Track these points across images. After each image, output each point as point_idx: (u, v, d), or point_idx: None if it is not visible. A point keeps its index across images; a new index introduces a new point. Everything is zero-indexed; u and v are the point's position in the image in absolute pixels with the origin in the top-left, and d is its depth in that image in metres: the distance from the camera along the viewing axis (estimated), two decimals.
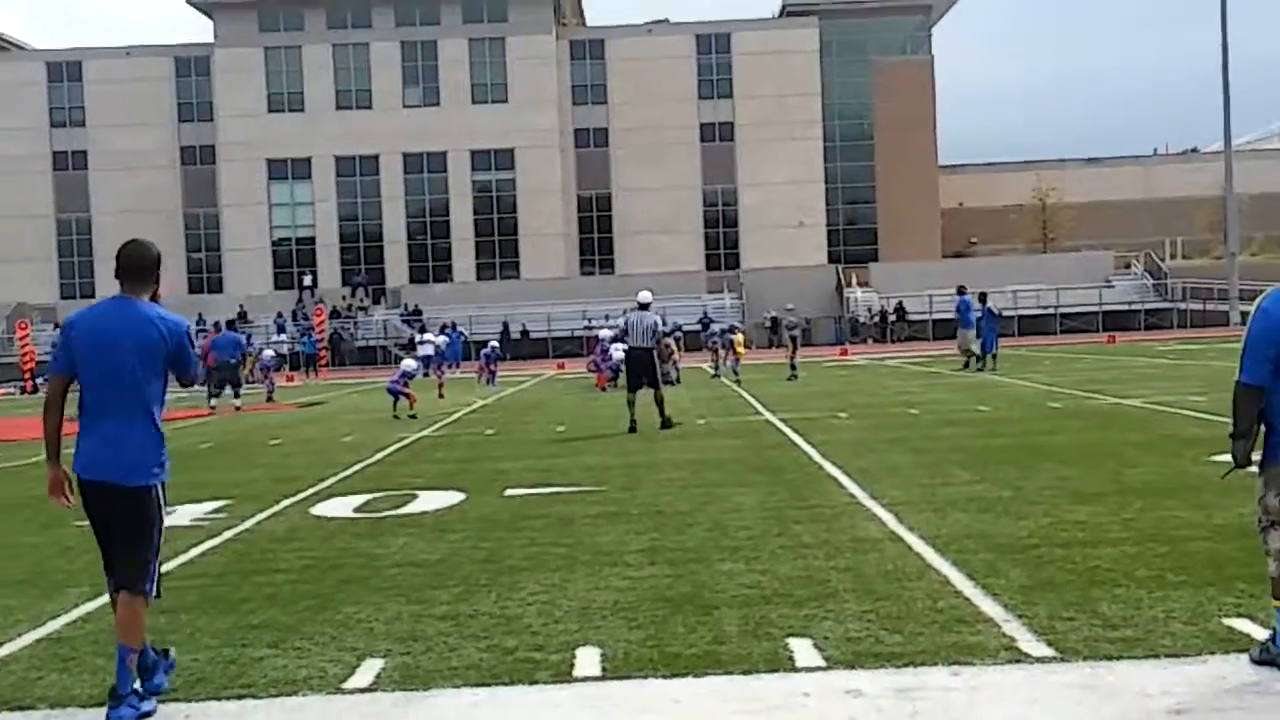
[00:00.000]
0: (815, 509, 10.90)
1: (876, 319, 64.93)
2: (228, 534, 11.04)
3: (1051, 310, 63.00)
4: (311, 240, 77.07)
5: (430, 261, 76.64)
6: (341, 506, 12.41)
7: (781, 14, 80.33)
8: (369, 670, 6.38)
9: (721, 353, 34.78)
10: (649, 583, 8.20)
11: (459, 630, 7.16)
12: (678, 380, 33.61)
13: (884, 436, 16.79)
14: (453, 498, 12.64)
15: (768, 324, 64.14)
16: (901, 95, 77.06)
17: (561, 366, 48.58)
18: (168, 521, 11.82)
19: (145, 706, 5.94)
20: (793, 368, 32.93)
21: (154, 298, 6.26)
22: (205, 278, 77.19)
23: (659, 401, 19.57)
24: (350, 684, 6.23)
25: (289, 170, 76.72)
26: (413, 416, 23.95)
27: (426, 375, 34.26)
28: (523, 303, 67.52)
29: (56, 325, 68.11)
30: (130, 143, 76.25)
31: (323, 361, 55.32)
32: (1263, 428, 5.88)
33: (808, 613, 7.19)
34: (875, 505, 10.94)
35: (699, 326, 61.85)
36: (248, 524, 11.60)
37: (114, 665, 6.64)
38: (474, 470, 15.00)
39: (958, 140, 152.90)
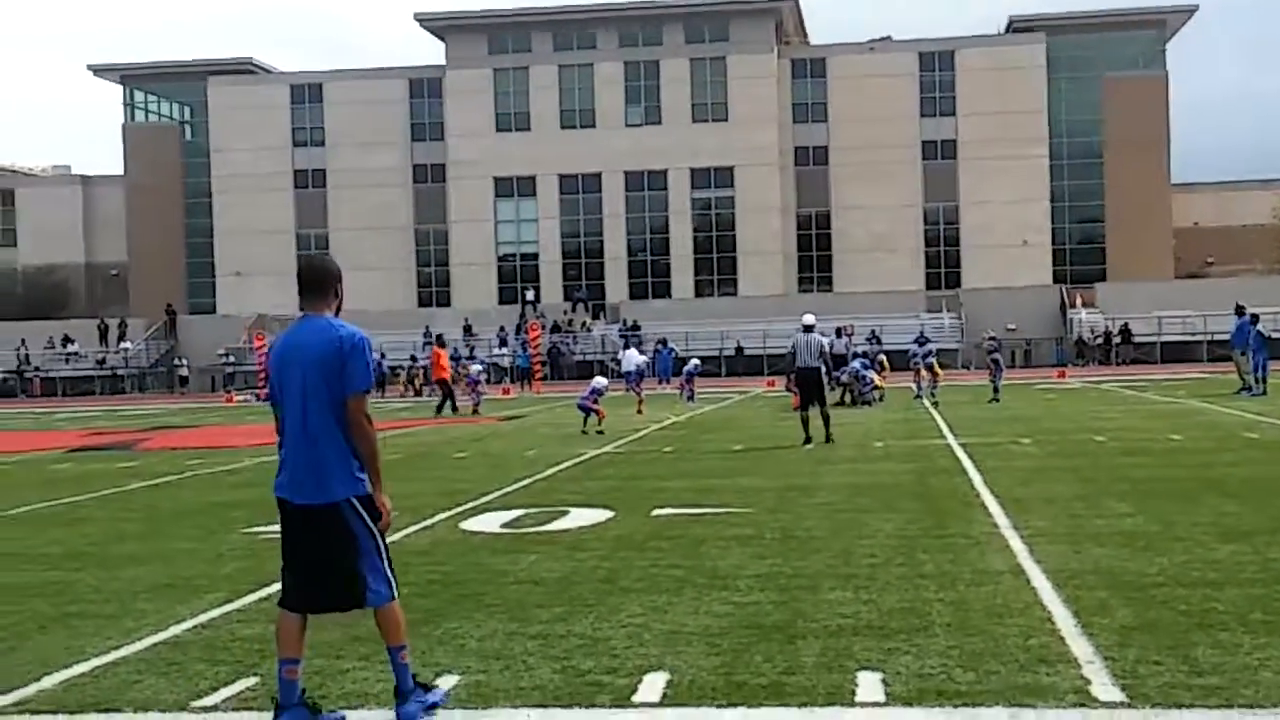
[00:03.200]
0: (950, 538, 10.71)
1: (1100, 341, 62.98)
2: None
3: None
4: (535, 256, 78.69)
5: (650, 278, 77.46)
6: (491, 521, 12.69)
7: (1007, 29, 78.79)
8: (440, 687, 6.54)
9: (925, 374, 34.28)
10: (749, 609, 8.19)
11: (544, 650, 7.28)
12: (881, 398, 33.35)
13: (1058, 464, 16.36)
14: (600, 515, 12.80)
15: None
16: (1133, 112, 74.63)
17: (771, 384, 48.45)
18: None
19: (431, 697, 6.19)
20: (995, 390, 32.27)
21: (338, 310, 6.31)
22: (434, 292, 79.46)
23: (825, 418, 20.83)
24: None
25: (515, 188, 78.50)
26: (600, 432, 24.27)
27: (630, 391, 34.70)
28: (740, 320, 67.61)
29: None
30: (366, 161, 79.09)
31: (538, 375, 56.32)
32: None
33: (892, 646, 7.10)
34: (1013, 536, 10.69)
35: (915, 345, 61.09)
36: (395, 536, 11.92)
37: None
38: (633, 488, 15.16)
39: (1194, 157, 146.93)
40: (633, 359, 39.31)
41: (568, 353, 67.63)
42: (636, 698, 6.31)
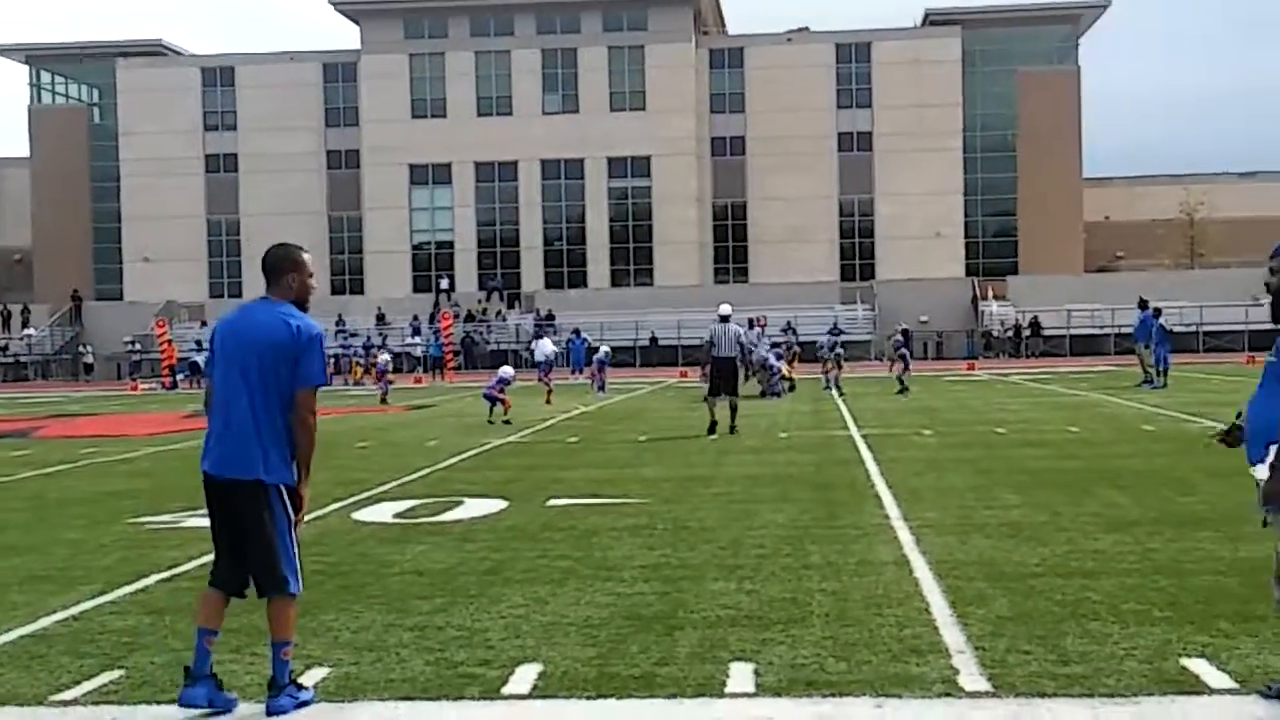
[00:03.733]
0: (840, 529, 10.76)
1: (1010, 334, 63.72)
2: None
3: (1194, 328, 61.15)
4: (450, 245, 78.17)
5: (565, 267, 77.21)
6: (384, 512, 12.57)
7: (924, 23, 79.36)
8: (308, 679, 6.44)
9: (829, 366, 34.50)
10: (632, 600, 8.17)
11: (419, 642, 7.21)
12: (792, 388, 33.59)
13: (956, 455, 16.50)
14: (495, 506, 12.72)
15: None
16: (1046, 106, 75.53)
17: (684, 375, 48.50)
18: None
19: (304, 695, 6.12)
20: (901, 383, 32.50)
21: (300, 299, 6.25)
22: (347, 279, 78.67)
23: (732, 409, 20.92)
24: None
25: (430, 175, 77.91)
26: (506, 422, 24.17)
27: (541, 381, 34.59)
28: (655, 310, 67.59)
29: (204, 323, 70.26)
30: (279, 146, 78.10)
31: (450, 365, 56.03)
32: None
33: (768, 636, 7.10)
34: (902, 527, 10.76)
35: (828, 336, 61.47)
36: None
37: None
38: (531, 478, 15.08)
39: (1105, 152, 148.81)
40: (544, 348, 39.21)
41: (481, 342, 67.29)
42: (506, 689, 6.26)
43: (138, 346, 65.41)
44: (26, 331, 71.39)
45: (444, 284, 74.60)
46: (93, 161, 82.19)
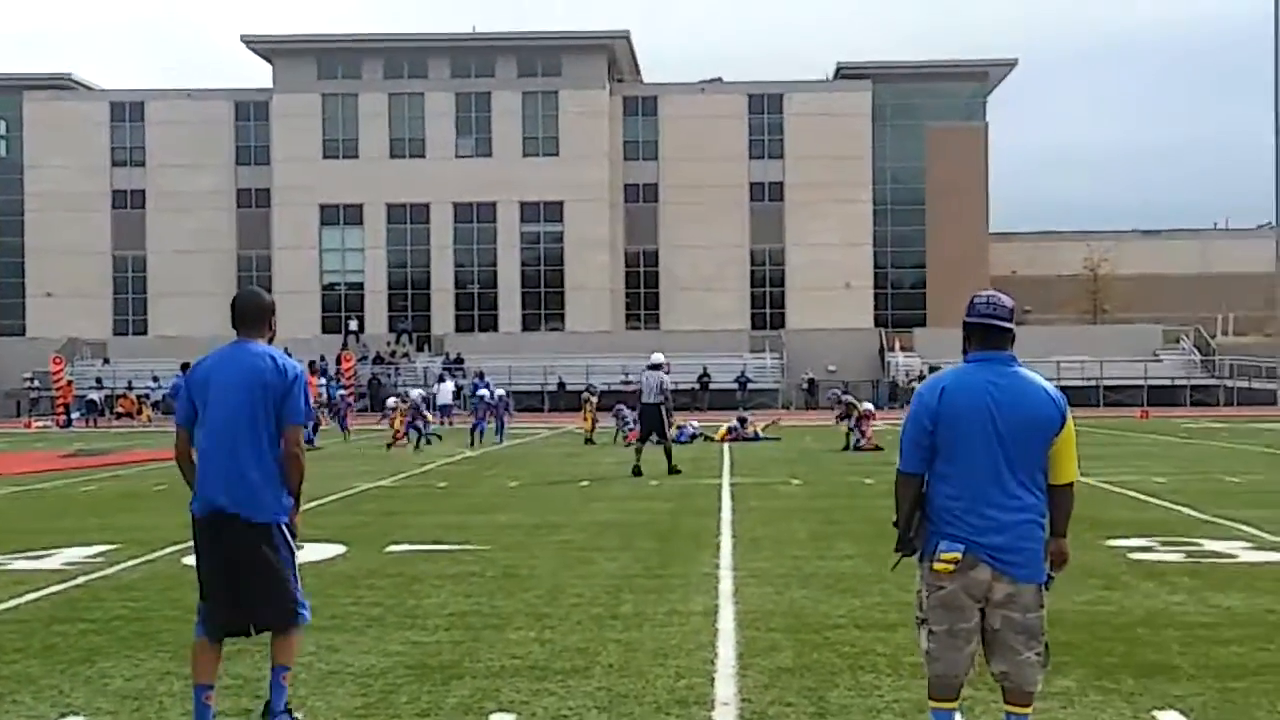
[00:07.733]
0: (666, 578, 10.73)
1: (915, 383, 64.26)
2: (80, 579, 11.04)
3: (1094, 382, 62.02)
4: (360, 286, 77.77)
5: (476, 311, 77.05)
6: None
7: (835, 76, 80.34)
8: None
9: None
10: (425, 648, 8.09)
11: (188, 691, 7.03)
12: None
13: (814, 505, 16.56)
14: (332, 550, 12.58)
15: (805, 385, 63.90)
16: (954, 161, 76.63)
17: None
18: (44, 565, 11.88)
19: None
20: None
21: (270, 343, 6.45)
22: None
23: (667, 451, 22.27)
24: None
25: (341, 216, 77.52)
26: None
27: (445, 424, 34.36)
28: (565, 355, 67.47)
29: (105, 360, 69.22)
30: (188, 183, 77.39)
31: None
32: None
33: (543, 687, 7.05)
34: (728, 577, 10.75)
35: (736, 385, 61.95)
36: (113, 569, 11.61)
37: None
38: (381, 524, 14.94)
39: (1012, 207, 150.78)
40: (447, 391, 39.26)
41: (388, 385, 66.72)
42: None
43: (36, 383, 64.33)
44: None
45: (353, 325, 74.05)
46: None
